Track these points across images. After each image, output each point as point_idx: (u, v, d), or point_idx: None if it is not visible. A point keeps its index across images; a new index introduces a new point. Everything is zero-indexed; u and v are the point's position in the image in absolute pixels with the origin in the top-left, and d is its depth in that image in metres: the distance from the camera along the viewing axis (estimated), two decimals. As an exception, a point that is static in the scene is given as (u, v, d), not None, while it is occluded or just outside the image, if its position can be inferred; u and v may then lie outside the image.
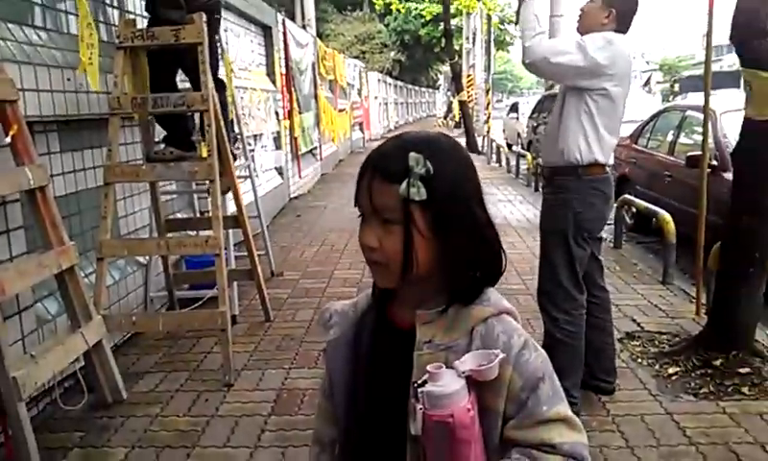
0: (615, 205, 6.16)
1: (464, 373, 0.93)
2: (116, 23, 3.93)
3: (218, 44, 4.19)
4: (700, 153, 4.18)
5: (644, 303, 4.43)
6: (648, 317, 4.17)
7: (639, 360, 3.52)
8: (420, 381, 0.94)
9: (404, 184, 0.93)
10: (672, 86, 30.58)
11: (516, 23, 2.97)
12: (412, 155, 0.93)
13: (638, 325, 4.04)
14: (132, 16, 4.07)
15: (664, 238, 5.01)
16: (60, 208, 2.92)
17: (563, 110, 2.88)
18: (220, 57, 4.44)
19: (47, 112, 3.13)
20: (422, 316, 1.01)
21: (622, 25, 2.85)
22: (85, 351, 2.86)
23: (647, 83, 33.36)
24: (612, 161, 2.96)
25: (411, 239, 0.95)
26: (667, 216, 5.02)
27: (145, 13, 4.41)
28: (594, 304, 3.07)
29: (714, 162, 5.17)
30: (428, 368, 0.93)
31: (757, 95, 3.06)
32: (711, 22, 3.74)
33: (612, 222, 6.28)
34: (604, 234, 6.30)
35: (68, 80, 3.30)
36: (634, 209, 6.65)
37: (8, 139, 2.63)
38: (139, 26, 3.61)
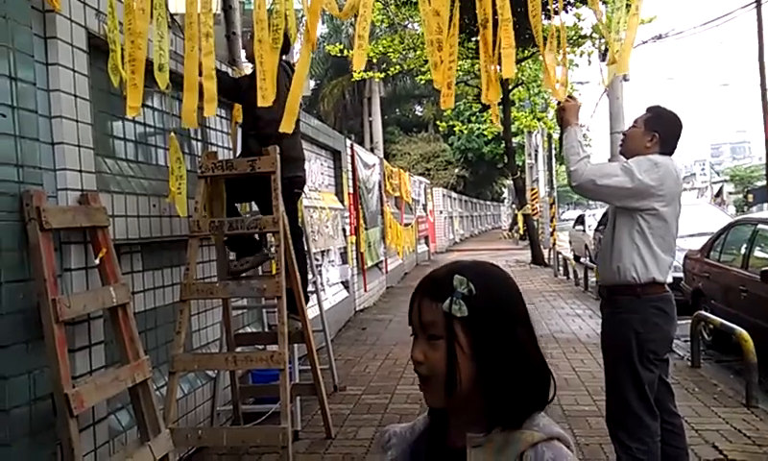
0: (690, 321, 5.94)
1: None
2: (199, 154, 4.31)
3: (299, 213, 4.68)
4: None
5: (727, 428, 4.14)
6: (732, 444, 3.89)
7: (723, 492, 3.27)
8: None
9: (447, 301, 1.02)
10: (746, 197, 29.72)
11: (560, 150, 3.09)
12: (456, 276, 1.04)
13: (721, 452, 3.76)
14: (213, 149, 4.46)
15: (744, 357, 4.74)
16: (138, 323, 3.12)
17: (615, 230, 2.90)
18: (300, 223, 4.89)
19: (133, 235, 3.41)
20: (473, 439, 1.04)
21: (666, 147, 2.90)
22: (153, 465, 2.94)
23: (719, 194, 32.54)
24: (670, 280, 2.92)
25: (454, 355, 1.02)
26: (745, 333, 4.78)
27: (225, 145, 4.85)
28: (668, 432, 2.93)
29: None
30: None
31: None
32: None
33: (689, 339, 6.02)
34: (680, 352, 6.12)
35: (153, 206, 3.61)
36: (711, 326, 6.35)
37: (97, 261, 2.89)
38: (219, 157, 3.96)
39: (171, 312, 3.80)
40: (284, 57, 4.31)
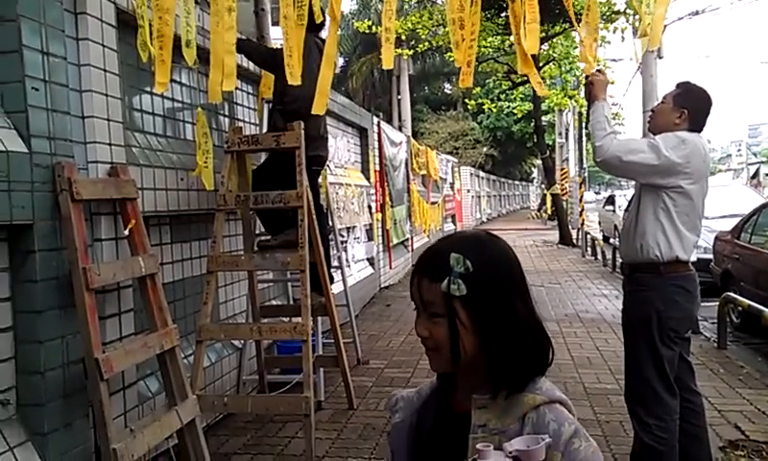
0: (718, 303, 5.86)
1: (511, 453, 1.00)
2: (226, 130, 4.38)
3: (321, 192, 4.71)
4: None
5: (750, 410, 4.11)
6: (755, 425, 3.86)
7: (743, 472, 3.26)
8: (470, 460, 1.01)
9: (445, 282, 1.05)
10: (784, 179, 28.91)
11: (587, 124, 3.05)
12: (453, 255, 1.06)
13: (743, 433, 3.74)
14: (240, 124, 4.52)
15: (772, 339, 4.69)
16: (166, 294, 3.21)
17: (639, 207, 2.87)
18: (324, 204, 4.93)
19: (161, 208, 3.50)
20: (477, 401, 1.09)
21: (695, 124, 2.85)
22: (179, 429, 3.05)
23: (755, 175, 31.70)
24: (694, 257, 2.89)
25: (456, 330, 1.06)
26: (773, 316, 4.71)
27: (252, 121, 4.91)
28: (687, 410, 2.91)
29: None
30: (477, 446, 1.00)
31: None
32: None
33: (716, 321, 5.95)
34: (707, 334, 6.05)
35: (181, 179, 3.69)
36: (740, 308, 6.26)
37: (126, 232, 2.98)
38: (246, 132, 4.02)
39: (199, 284, 3.90)
40: (319, 34, 4.33)
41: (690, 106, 2.86)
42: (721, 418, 3.97)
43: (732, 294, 5.89)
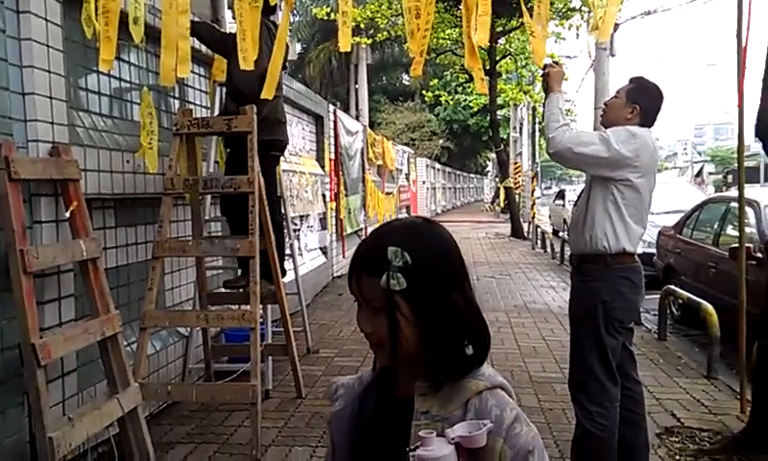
0: (659, 295, 6.07)
1: (453, 439, 1.00)
2: (176, 112, 4.27)
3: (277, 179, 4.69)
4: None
5: (686, 398, 4.28)
6: (689, 412, 4.02)
7: (678, 457, 3.39)
8: (412, 447, 1.01)
9: (384, 277, 1.02)
10: (725, 178, 30.14)
11: (541, 120, 3.10)
12: (390, 249, 1.03)
13: (679, 420, 3.90)
14: (190, 107, 4.41)
15: (708, 331, 4.87)
16: (110, 279, 3.13)
17: (589, 199, 2.93)
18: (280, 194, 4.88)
19: (106, 191, 3.39)
20: (420, 388, 1.08)
21: (646, 120, 2.92)
22: (120, 418, 2.97)
23: (699, 173, 32.94)
24: (639, 250, 2.98)
25: (397, 324, 1.04)
26: (710, 308, 4.91)
27: (203, 103, 4.81)
28: (628, 397, 2.99)
29: (760, 254, 5.08)
30: (420, 433, 1.00)
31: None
32: (742, 116, 3.79)
33: (657, 313, 6.16)
34: (648, 325, 6.26)
35: (127, 162, 3.58)
36: (680, 301, 6.50)
37: (67, 214, 2.88)
38: (196, 115, 3.92)
39: (144, 270, 3.79)
40: (271, 18, 4.26)
41: (642, 101, 2.93)
42: (659, 405, 4.12)
43: (672, 287, 6.10)
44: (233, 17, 4.52)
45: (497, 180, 27.69)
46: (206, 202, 4.50)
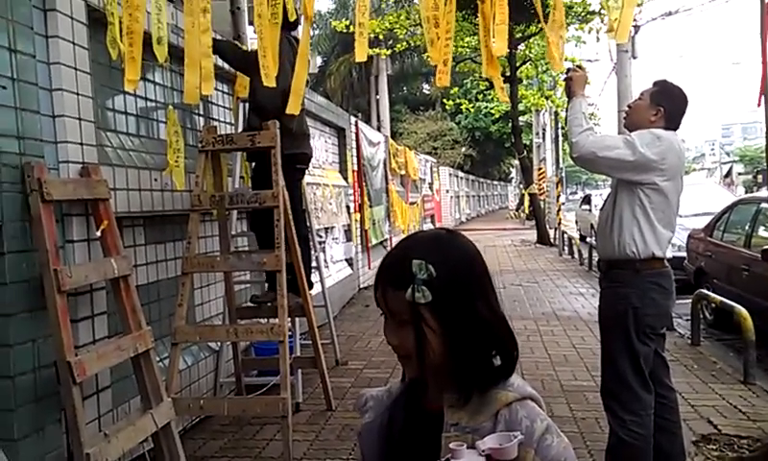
0: (691, 300, 5.96)
1: (484, 451, 0.99)
2: (201, 129, 4.33)
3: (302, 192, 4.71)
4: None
5: (723, 404, 4.18)
6: (726, 419, 3.93)
7: (716, 465, 3.31)
8: (443, 459, 1.01)
9: (409, 291, 1.02)
10: (755, 178, 29.50)
11: (565, 122, 3.07)
12: (414, 262, 1.03)
13: (716, 427, 3.81)
14: (214, 124, 4.48)
15: (743, 335, 4.77)
16: (141, 296, 3.17)
17: (615, 203, 2.90)
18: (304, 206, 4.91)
19: (135, 209, 3.45)
20: (450, 400, 1.07)
21: (671, 122, 2.88)
22: (154, 433, 3.01)
23: (728, 174, 32.32)
24: (669, 255, 2.93)
25: (424, 336, 1.04)
26: (744, 312, 4.80)
27: (227, 120, 4.87)
28: (662, 405, 2.94)
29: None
30: (450, 445, 1.00)
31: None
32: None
33: (690, 318, 6.05)
34: (681, 330, 6.14)
35: (155, 180, 3.64)
36: (713, 305, 6.37)
37: (98, 233, 2.94)
38: (220, 132, 3.98)
39: (174, 285, 3.84)
40: (293, 32, 4.31)
41: (666, 104, 2.89)
42: (694, 412, 4.03)
43: (704, 291, 5.98)
44: (255, 33, 4.61)
45: (521, 186, 27.52)
46: (233, 217, 4.55)
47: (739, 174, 36.95)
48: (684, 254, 7.66)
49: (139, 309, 3.04)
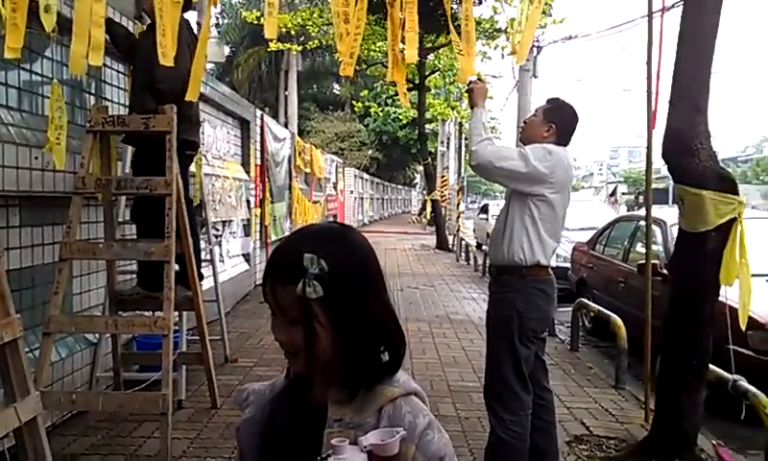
0: (572, 308, 6.32)
1: (366, 447, 0.98)
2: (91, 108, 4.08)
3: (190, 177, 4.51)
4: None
5: (595, 407, 4.46)
6: (597, 421, 4.19)
7: (585, 464, 3.52)
8: (324, 455, 0.99)
9: (300, 285, 0.99)
10: (636, 198, 31.89)
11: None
12: (306, 255, 0.99)
13: (587, 428, 4.05)
14: (107, 104, 4.23)
15: (617, 342, 5.11)
16: (13, 281, 2.93)
17: (508, 213, 3.03)
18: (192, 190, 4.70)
19: (10, 188, 3.19)
20: (335, 396, 1.06)
21: (562, 139, 3.05)
22: (17, 428, 2.78)
23: (613, 193, 34.76)
24: (555, 264, 3.09)
25: (314, 332, 1.01)
26: (619, 321, 5.14)
27: (121, 102, 4.62)
28: (539, 406, 3.09)
29: (665, 271, 5.38)
30: (332, 442, 0.98)
31: (688, 209, 3.26)
32: (651, 140, 4.01)
33: (570, 325, 6.41)
34: (562, 336, 6.50)
35: (35, 158, 3.39)
36: (592, 314, 6.78)
37: (-37, 210, 2.68)
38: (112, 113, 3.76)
39: (51, 272, 3.58)
40: (185, 14, 4.15)
41: (559, 121, 3.06)
42: (569, 414, 4.27)
43: (584, 300, 6.35)
44: (145, 12, 4.38)
45: (424, 192, 28.13)
46: (121, 203, 4.32)
47: (623, 194, 39.71)
48: (569, 264, 8.11)
49: (8, 295, 2.80)
